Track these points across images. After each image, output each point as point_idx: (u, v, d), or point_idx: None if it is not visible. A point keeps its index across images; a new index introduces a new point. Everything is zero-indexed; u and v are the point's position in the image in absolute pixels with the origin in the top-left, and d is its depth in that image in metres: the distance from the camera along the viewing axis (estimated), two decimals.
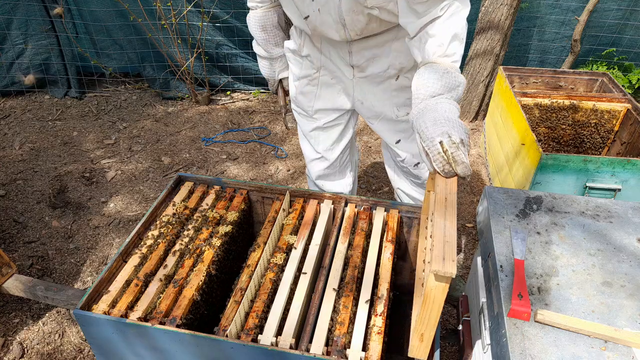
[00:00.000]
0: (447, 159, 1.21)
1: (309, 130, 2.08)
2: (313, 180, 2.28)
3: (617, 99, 2.85)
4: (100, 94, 4.40)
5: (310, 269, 1.55)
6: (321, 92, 1.94)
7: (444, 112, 1.29)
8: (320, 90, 1.94)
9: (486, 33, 3.59)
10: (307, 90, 1.95)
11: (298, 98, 2.01)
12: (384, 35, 1.71)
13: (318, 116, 2.01)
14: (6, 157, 3.54)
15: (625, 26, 3.94)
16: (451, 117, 1.27)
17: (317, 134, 2.08)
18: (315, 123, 2.04)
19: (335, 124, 2.04)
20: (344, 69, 1.84)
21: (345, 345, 1.32)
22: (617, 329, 1.21)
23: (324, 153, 2.13)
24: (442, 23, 1.42)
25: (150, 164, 3.50)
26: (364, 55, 1.76)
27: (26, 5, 3.93)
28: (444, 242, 1.07)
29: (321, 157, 2.14)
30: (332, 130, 2.07)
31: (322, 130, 2.06)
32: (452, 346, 2.22)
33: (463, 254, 2.73)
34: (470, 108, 3.94)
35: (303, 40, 1.85)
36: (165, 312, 1.42)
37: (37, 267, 2.63)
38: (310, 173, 2.26)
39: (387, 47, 1.74)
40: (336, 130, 2.07)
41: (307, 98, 1.98)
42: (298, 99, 2.01)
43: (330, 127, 2.05)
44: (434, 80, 1.35)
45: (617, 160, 2.30)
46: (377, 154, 3.61)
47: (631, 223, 1.56)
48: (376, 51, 1.75)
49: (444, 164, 1.22)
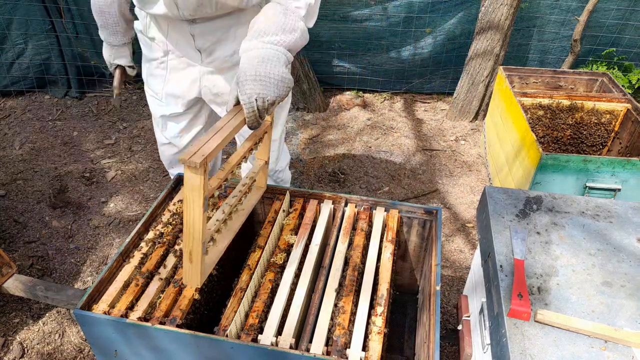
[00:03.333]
0: (256, 115, 1.33)
1: (158, 116, 2.07)
2: (166, 167, 2.29)
3: (617, 99, 2.85)
4: (100, 94, 4.40)
5: (310, 269, 1.55)
6: (170, 77, 1.92)
7: (268, 62, 1.32)
8: (169, 75, 1.92)
9: (486, 33, 3.59)
10: (156, 73, 1.94)
11: (149, 80, 2.01)
12: (226, 19, 1.70)
13: (167, 101, 2.00)
14: (6, 157, 3.54)
15: (625, 26, 3.93)
16: (271, 73, 1.31)
17: (165, 120, 2.07)
18: (163, 110, 2.03)
19: (183, 115, 2.04)
20: (192, 54, 1.82)
21: (345, 345, 1.32)
22: (617, 329, 1.21)
23: (172, 140, 2.12)
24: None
25: (150, 164, 3.50)
26: (208, 39, 1.75)
27: (26, 5, 3.93)
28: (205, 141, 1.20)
29: (169, 143, 2.14)
30: (180, 120, 2.06)
31: (169, 119, 2.06)
32: (452, 346, 2.22)
33: (463, 253, 2.73)
34: (470, 108, 3.94)
35: (148, 22, 1.84)
36: (165, 312, 1.42)
37: (37, 267, 2.63)
38: (162, 158, 2.26)
39: (232, 33, 1.73)
40: (183, 121, 2.06)
41: (157, 81, 1.97)
42: (149, 82, 2.01)
43: (178, 117, 2.05)
44: (270, 18, 1.37)
45: (617, 160, 2.30)
46: (377, 154, 3.61)
47: (631, 223, 1.56)
48: (220, 36, 1.75)
49: (253, 120, 1.34)
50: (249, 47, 1.37)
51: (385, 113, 4.17)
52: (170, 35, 1.81)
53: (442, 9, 3.87)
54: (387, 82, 4.33)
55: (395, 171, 3.43)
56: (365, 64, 4.24)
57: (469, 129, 3.93)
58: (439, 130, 3.93)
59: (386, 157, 3.58)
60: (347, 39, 4.09)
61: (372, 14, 3.93)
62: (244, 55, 1.37)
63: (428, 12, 3.88)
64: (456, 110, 4.00)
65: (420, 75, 4.27)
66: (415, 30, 3.99)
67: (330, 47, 4.15)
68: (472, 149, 3.69)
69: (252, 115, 1.33)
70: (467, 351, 1.70)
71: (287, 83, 1.35)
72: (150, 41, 1.88)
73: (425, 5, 3.85)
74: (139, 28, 1.92)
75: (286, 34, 1.38)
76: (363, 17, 3.95)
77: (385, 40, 4.07)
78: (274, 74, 1.32)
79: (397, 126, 3.97)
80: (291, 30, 1.39)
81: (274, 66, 1.32)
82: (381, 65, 4.23)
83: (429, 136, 3.85)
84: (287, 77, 1.35)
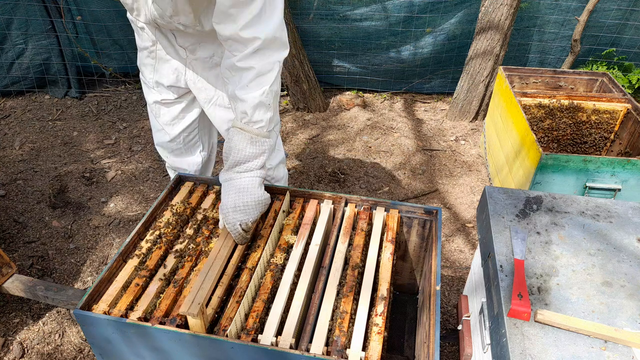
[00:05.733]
0: (243, 235, 1.58)
1: (151, 102, 2.09)
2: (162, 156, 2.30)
3: (617, 99, 2.85)
4: (100, 94, 4.40)
5: (310, 269, 1.55)
6: (159, 67, 1.96)
7: (245, 192, 1.54)
8: (158, 64, 1.95)
9: (486, 33, 3.59)
10: (147, 62, 1.97)
11: (141, 68, 2.04)
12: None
13: (159, 90, 2.02)
14: (6, 157, 3.54)
15: (625, 26, 3.93)
16: (249, 201, 1.54)
17: (158, 107, 2.09)
18: (155, 96, 2.05)
19: (175, 102, 2.06)
20: (177, 48, 1.87)
21: (345, 345, 1.32)
22: (617, 329, 1.21)
23: (165, 127, 2.14)
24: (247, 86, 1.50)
25: (150, 164, 3.50)
26: (188, 40, 1.81)
27: (26, 5, 3.93)
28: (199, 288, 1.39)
29: (162, 129, 2.15)
30: (173, 107, 2.08)
31: (162, 105, 2.08)
32: (452, 346, 2.22)
33: (463, 253, 2.73)
34: (470, 108, 3.94)
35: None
36: (165, 312, 1.42)
37: (37, 267, 2.63)
38: (157, 146, 2.27)
39: (211, 36, 1.76)
40: (176, 108, 2.08)
41: (147, 69, 2.00)
42: (141, 69, 2.04)
43: (170, 104, 2.07)
44: (240, 151, 1.53)
45: (617, 160, 2.30)
46: (377, 154, 3.61)
47: (631, 223, 1.56)
48: (199, 38, 1.80)
49: (240, 240, 1.60)
50: (227, 178, 1.58)
51: (385, 113, 4.17)
52: (155, 33, 1.86)
53: (442, 9, 3.87)
54: (387, 82, 4.33)
55: (395, 171, 3.43)
56: (365, 64, 4.24)
57: (469, 129, 3.93)
58: (439, 130, 3.93)
59: (386, 157, 3.58)
60: (347, 39, 4.09)
61: (372, 14, 3.92)
62: (224, 184, 1.58)
63: (428, 12, 3.88)
64: (456, 110, 4.00)
65: (420, 75, 4.27)
66: (415, 30, 3.99)
67: (330, 47, 4.15)
68: (472, 149, 3.69)
69: (239, 237, 1.58)
70: (467, 351, 1.70)
71: (264, 203, 1.59)
72: (141, 30, 1.91)
73: (425, 5, 3.85)
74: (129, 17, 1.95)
75: (257, 159, 1.55)
76: (363, 17, 3.95)
77: (385, 40, 4.07)
78: (251, 201, 1.54)
79: (397, 126, 3.97)
80: (261, 153, 1.56)
81: (250, 194, 1.54)
82: (381, 65, 4.23)
83: (429, 136, 3.85)
84: (263, 198, 1.58)
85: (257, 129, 1.54)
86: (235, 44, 1.46)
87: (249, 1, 1.38)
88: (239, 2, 1.38)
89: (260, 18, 1.42)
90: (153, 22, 1.74)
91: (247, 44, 1.45)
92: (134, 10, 1.73)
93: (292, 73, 3.92)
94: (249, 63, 1.47)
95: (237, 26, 1.41)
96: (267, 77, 1.50)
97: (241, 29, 1.42)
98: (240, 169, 1.55)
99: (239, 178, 1.55)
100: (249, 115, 1.51)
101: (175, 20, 1.69)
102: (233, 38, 1.45)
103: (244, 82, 1.50)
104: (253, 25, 1.42)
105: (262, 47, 1.45)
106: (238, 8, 1.39)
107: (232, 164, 1.55)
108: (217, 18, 1.45)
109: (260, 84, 1.50)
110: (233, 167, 1.56)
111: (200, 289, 1.39)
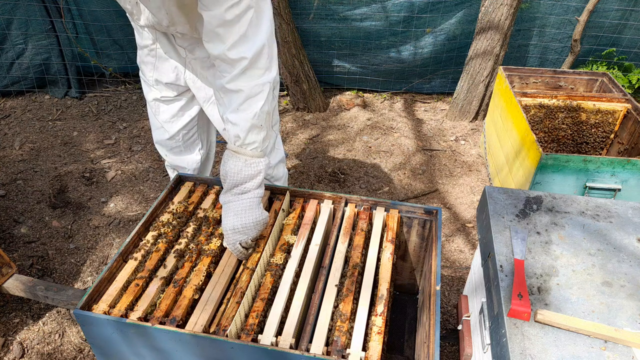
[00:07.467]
0: (244, 252, 1.62)
1: (151, 100, 2.10)
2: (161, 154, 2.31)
3: (617, 99, 2.85)
4: (100, 94, 4.40)
5: (310, 269, 1.55)
6: (159, 65, 1.97)
7: (243, 213, 1.57)
8: (158, 62, 1.97)
9: (486, 33, 3.59)
10: (147, 60, 1.99)
11: (141, 66, 2.05)
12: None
13: (158, 87, 2.04)
14: (6, 157, 3.54)
15: (625, 26, 3.93)
16: (247, 222, 1.56)
17: (158, 104, 2.10)
18: (155, 93, 2.06)
19: (175, 100, 2.07)
20: (177, 48, 1.89)
21: (345, 345, 1.32)
22: (617, 329, 1.21)
23: (164, 125, 2.14)
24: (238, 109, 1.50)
25: (150, 164, 3.50)
26: (186, 40, 1.83)
27: (26, 5, 3.93)
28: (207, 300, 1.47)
29: (161, 127, 2.16)
30: (172, 105, 2.09)
31: (162, 102, 2.09)
32: (452, 346, 2.22)
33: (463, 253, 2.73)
34: (470, 108, 3.94)
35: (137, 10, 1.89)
36: (165, 312, 1.42)
37: (37, 267, 2.63)
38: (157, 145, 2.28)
39: None
40: (176, 105, 2.09)
41: (147, 68, 2.01)
42: (141, 67, 2.05)
43: (170, 101, 2.08)
44: (236, 174, 1.55)
45: (617, 160, 2.30)
46: (377, 154, 3.61)
47: (631, 223, 1.56)
48: (198, 39, 1.81)
49: (241, 257, 1.63)
50: (225, 201, 1.60)
51: (385, 113, 4.17)
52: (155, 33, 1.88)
53: (442, 9, 3.87)
54: (387, 82, 4.33)
55: (395, 171, 3.43)
56: (365, 64, 4.24)
57: (469, 129, 3.93)
58: (439, 130, 3.93)
59: (386, 157, 3.58)
60: (347, 39, 4.09)
61: (372, 14, 3.93)
62: (224, 206, 1.60)
63: (428, 12, 3.88)
64: (456, 110, 4.00)
65: (420, 75, 4.27)
66: (415, 30, 3.99)
67: (330, 47, 4.15)
68: (472, 149, 3.69)
69: (239, 254, 1.62)
70: (467, 351, 1.70)
71: (262, 223, 1.61)
72: (141, 29, 1.92)
73: (425, 5, 3.85)
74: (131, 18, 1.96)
75: (253, 179, 1.56)
76: (363, 17, 3.95)
77: (385, 40, 4.07)
78: (250, 222, 1.57)
79: (397, 126, 3.97)
80: (257, 174, 1.57)
81: (248, 216, 1.57)
82: (381, 65, 4.23)
83: (429, 136, 3.85)
84: (261, 218, 1.60)
85: (250, 150, 1.55)
86: (223, 64, 1.48)
87: (235, 20, 1.39)
88: (225, 21, 1.39)
89: (246, 37, 1.43)
90: (152, 27, 1.76)
91: (235, 64, 1.46)
92: (134, 14, 1.75)
93: (292, 73, 3.92)
94: (238, 85, 1.48)
95: (225, 46, 1.43)
96: (257, 99, 1.51)
97: (229, 49, 1.43)
98: (237, 191, 1.57)
99: (237, 200, 1.57)
100: (242, 139, 1.53)
101: (172, 29, 1.72)
102: (221, 58, 1.46)
103: (234, 105, 1.51)
104: (240, 44, 1.43)
105: (248, 66, 1.46)
106: (225, 28, 1.40)
107: (229, 186, 1.57)
108: (207, 37, 1.46)
109: (251, 106, 1.50)
110: (231, 189, 1.57)
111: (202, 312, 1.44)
